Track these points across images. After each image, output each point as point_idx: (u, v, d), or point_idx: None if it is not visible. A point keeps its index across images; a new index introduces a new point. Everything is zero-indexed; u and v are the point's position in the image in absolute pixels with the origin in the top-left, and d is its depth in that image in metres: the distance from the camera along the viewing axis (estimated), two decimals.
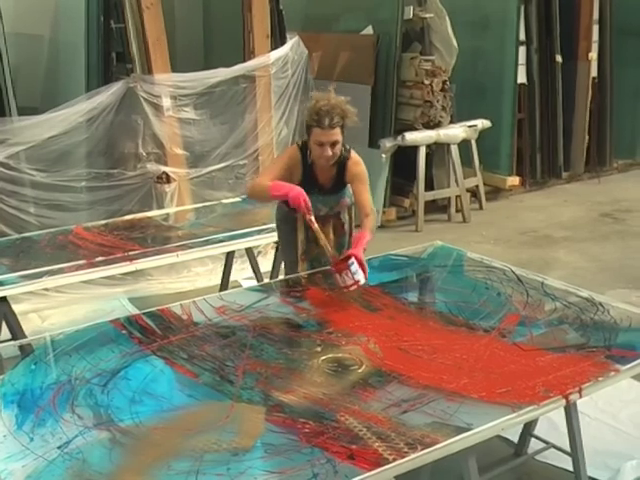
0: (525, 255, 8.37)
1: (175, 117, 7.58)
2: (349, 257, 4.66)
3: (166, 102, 7.47)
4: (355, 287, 4.66)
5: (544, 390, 3.57)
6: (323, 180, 5.08)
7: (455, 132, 9.76)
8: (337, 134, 4.83)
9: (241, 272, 7.45)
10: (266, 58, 8.01)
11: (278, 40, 8.24)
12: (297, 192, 4.77)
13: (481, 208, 10.20)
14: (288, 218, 5.17)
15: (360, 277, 4.62)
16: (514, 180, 10.76)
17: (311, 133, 4.86)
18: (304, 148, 5.01)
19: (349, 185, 5.14)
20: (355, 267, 4.61)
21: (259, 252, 7.62)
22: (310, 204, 4.80)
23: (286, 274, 5.37)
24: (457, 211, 9.92)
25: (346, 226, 5.27)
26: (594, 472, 4.41)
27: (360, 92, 9.56)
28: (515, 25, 10.42)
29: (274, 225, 5.52)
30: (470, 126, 9.93)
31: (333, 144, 4.84)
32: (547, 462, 4.71)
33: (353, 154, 5.10)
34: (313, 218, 4.86)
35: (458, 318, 4.41)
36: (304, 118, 5.03)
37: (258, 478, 2.98)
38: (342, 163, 5.03)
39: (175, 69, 7.62)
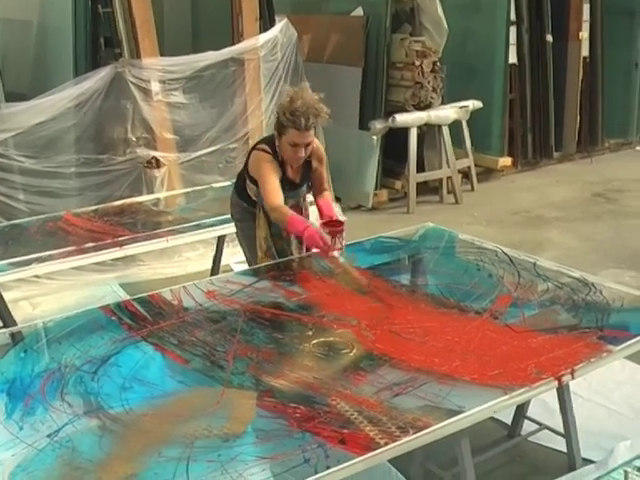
0: (517, 236, 8.36)
1: (164, 101, 7.54)
2: (340, 222, 4.86)
3: (155, 86, 7.43)
4: (338, 251, 4.81)
5: (536, 372, 3.56)
6: (293, 176, 5.09)
7: (446, 113, 9.74)
8: (312, 135, 4.84)
9: (232, 256, 7.41)
10: (255, 41, 7.97)
11: (267, 23, 8.19)
12: (311, 232, 4.70)
13: (473, 189, 10.18)
14: (247, 215, 5.21)
15: (344, 243, 4.82)
16: (506, 161, 10.72)
17: (285, 133, 4.81)
18: (273, 149, 4.95)
19: None
20: (344, 234, 4.79)
21: None
22: (328, 240, 4.75)
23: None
24: (449, 192, 9.90)
25: (303, 211, 5.26)
26: (587, 453, 4.40)
27: (350, 74, 9.54)
28: (505, 5, 10.37)
29: None
30: (461, 107, 9.90)
31: (307, 145, 4.85)
32: (540, 443, 4.69)
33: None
34: (336, 253, 4.84)
35: (450, 300, 4.39)
36: (277, 114, 4.93)
37: (249, 464, 2.96)
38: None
39: (164, 53, 7.59)
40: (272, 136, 5.04)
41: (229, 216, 5.82)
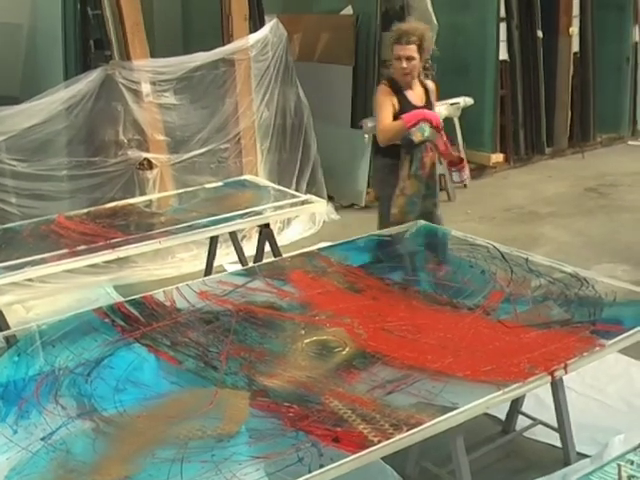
0: (510, 232, 8.37)
1: (155, 103, 7.54)
2: (462, 158, 5.95)
3: (145, 88, 7.43)
4: (466, 181, 6.27)
5: (529, 367, 3.56)
6: (415, 100, 5.96)
7: (437, 110, 9.68)
8: (412, 50, 5.77)
9: (225, 257, 7.43)
10: (245, 41, 7.97)
11: (257, 23, 8.19)
12: (431, 112, 5.89)
13: (465, 186, 10.16)
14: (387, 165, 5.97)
15: (468, 175, 6.03)
16: (498, 157, 10.74)
17: (393, 51, 5.84)
18: (389, 81, 5.95)
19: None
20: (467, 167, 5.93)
21: (243, 236, 7.61)
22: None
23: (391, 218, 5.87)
24: (441, 190, 9.87)
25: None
26: (582, 447, 4.41)
27: (341, 73, 9.55)
28: (495, 1, 10.38)
29: (259, 208, 6.03)
30: (452, 104, 9.89)
31: (408, 59, 5.77)
32: (535, 438, 4.71)
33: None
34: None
35: (442, 297, 4.40)
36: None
37: (243, 464, 2.96)
38: (423, 83, 6.10)
39: (154, 54, 7.58)
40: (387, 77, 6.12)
41: (221, 216, 5.84)
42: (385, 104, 5.86)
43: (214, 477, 2.89)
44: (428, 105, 6.03)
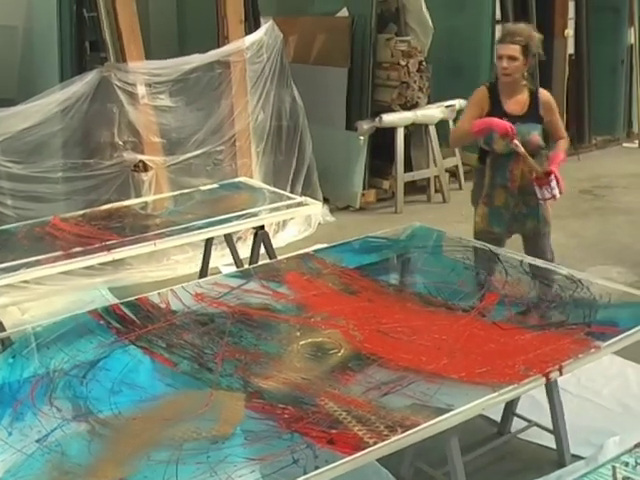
0: None
1: (150, 105, 7.53)
2: (550, 173, 5.51)
3: (141, 90, 7.42)
4: (552, 200, 5.63)
5: (524, 369, 3.56)
6: (511, 109, 5.63)
7: (432, 112, 9.75)
8: (514, 50, 5.51)
9: (221, 259, 7.43)
10: (240, 43, 7.97)
11: (252, 25, 8.19)
12: (499, 120, 5.45)
13: (460, 188, 10.17)
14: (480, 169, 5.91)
15: (556, 192, 5.54)
16: None
17: (497, 51, 5.67)
18: (491, 84, 5.74)
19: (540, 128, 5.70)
20: (554, 183, 5.50)
21: (238, 238, 7.60)
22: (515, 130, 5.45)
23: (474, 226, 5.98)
24: (436, 191, 9.92)
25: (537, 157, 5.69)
26: (577, 449, 4.42)
27: (336, 75, 9.56)
28: (491, 3, 10.38)
29: (254, 210, 6.09)
30: (447, 106, 9.88)
31: (510, 58, 5.51)
32: (530, 440, 4.70)
33: (542, 89, 5.89)
34: (518, 142, 5.45)
35: (437, 299, 4.40)
36: None
37: (238, 465, 2.96)
38: (534, 93, 5.73)
39: (149, 56, 7.58)
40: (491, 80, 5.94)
41: (217, 218, 5.85)
42: (470, 107, 5.81)
43: (209, 479, 2.89)
44: (531, 115, 5.64)
